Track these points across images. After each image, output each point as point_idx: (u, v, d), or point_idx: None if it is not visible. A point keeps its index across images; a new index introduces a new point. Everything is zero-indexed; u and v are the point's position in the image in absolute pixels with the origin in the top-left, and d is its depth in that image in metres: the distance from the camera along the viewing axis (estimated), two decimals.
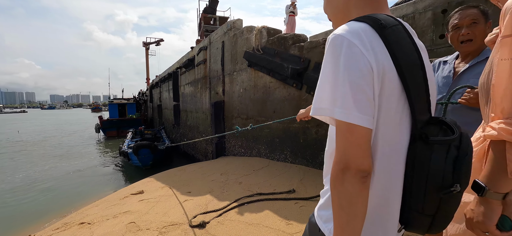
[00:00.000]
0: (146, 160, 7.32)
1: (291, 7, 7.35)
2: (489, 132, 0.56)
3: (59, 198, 5.95)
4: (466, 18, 1.12)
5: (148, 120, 19.70)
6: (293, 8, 7.39)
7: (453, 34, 1.16)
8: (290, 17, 7.37)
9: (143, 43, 28.50)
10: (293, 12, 7.39)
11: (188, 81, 8.60)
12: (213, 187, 3.26)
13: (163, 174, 5.20)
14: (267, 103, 4.22)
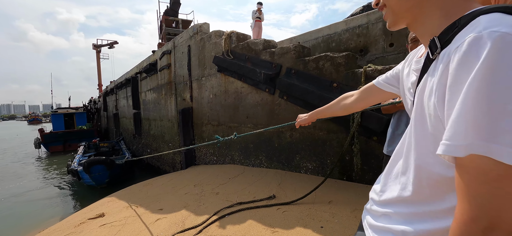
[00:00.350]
0: (100, 178, 6.38)
1: (257, 13, 7.45)
2: None
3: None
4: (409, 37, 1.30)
5: (102, 130, 17.74)
6: (259, 13, 7.50)
7: (412, 45, 1.29)
8: (257, 22, 7.45)
9: (94, 46, 25.73)
10: (259, 18, 7.50)
11: (150, 87, 8.01)
12: (187, 200, 3.05)
13: (126, 191, 4.70)
14: (239, 109, 4.17)
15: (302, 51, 3.22)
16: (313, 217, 2.09)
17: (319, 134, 2.99)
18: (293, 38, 5.81)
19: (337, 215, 2.07)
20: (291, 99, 3.27)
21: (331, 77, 2.81)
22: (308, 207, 2.29)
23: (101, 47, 25.88)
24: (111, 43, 25.87)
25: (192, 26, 5.21)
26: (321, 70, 2.93)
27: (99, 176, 6.31)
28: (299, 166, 3.29)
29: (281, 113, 3.47)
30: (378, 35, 4.37)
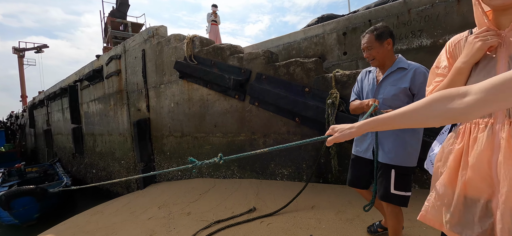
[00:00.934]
0: (27, 213, 5.06)
1: (212, 16, 7.21)
2: None
3: None
4: (364, 45, 1.45)
5: (27, 151, 14.70)
6: (214, 16, 7.27)
7: (364, 54, 1.47)
8: (213, 26, 7.22)
9: (14, 49, 21.36)
10: (215, 21, 7.28)
11: (94, 97, 6.94)
12: (153, 227, 2.64)
13: (67, 224, 3.87)
14: (206, 117, 3.90)
15: (271, 57, 3.20)
16: (300, 225, 2.02)
17: (294, 139, 2.98)
18: (254, 45, 5.82)
19: (323, 220, 2.04)
20: (262, 105, 3.19)
21: (302, 82, 2.85)
22: (292, 215, 2.21)
23: (24, 51, 21.62)
24: (39, 47, 21.87)
25: (147, 28, 4.72)
26: (292, 75, 2.94)
27: (25, 212, 4.99)
28: (275, 173, 3.22)
29: (252, 120, 3.36)
30: (333, 44, 4.71)
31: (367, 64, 3.30)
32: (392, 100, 1.37)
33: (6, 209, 4.81)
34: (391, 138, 1.37)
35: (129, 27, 10.67)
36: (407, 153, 1.34)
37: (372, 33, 1.41)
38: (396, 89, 1.37)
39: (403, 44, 4.16)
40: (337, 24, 4.71)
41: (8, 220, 5.17)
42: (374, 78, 1.50)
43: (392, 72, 1.41)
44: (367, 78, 1.57)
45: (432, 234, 1.71)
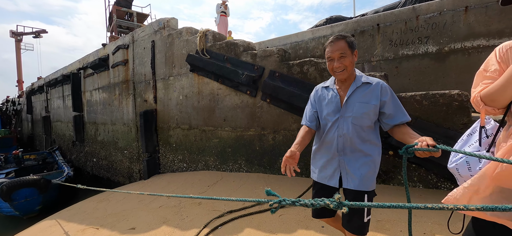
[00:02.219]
0: (29, 205, 4.79)
1: (222, 7, 6.99)
2: None
3: None
4: (336, 52, 1.21)
5: (23, 138, 14.52)
6: (224, 8, 7.05)
7: (328, 64, 1.26)
8: (222, 17, 7.04)
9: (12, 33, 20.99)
10: (224, 12, 7.08)
11: (98, 86, 6.93)
12: (165, 215, 2.71)
13: (73, 210, 3.91)
14: (215, 111, 3.96)
15: (284, 55, 3.28)
16: (312, 218, 2.11)
17: None
18: (261, 43, 5.89)
19: None
20: (274, 102, 3.27)
21: (315, 81, 2.93)
22: (303, 208, 2.31)
23: (22, 35, 21.25)
24: (38, 32, 21.52)
25: (158, 19, 4.73)
26: (305, 74, 3.02)
27: (27, 204, 4.72)
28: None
29: (263, 116, 3.44)
30: None
31: (324, 77, 3.26)
32: (361, 119, 1.22)
33: (7, 201, 4.57)
34: (360, 161, 1.22)
35: (134, 17, 10.60)
36: (374, 174, 1.25)
37: (344, 39, 1.22)
38: (367, 107, 1.21)
39: (409, 50, 4.27)
40: (346, 26, 4.80)
41: (8, 212, 4.90)
42: (336, 95, 1.29)
43: (358, 87, 1.25)
44: (326, 95, 1.34)
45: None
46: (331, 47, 1.23)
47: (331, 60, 1.24)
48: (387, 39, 4.47)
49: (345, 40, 1.21)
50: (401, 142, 1.14)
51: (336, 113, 1.27)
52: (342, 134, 1.24)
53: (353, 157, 1.23)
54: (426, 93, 2.39)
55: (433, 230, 1.83)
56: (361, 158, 1.22)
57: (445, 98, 2.29)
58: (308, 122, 1.37)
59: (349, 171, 1.23)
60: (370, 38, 4.64)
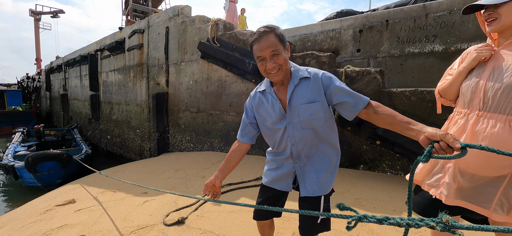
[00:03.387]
0: (51, 178, 4.95)
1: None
2: None
3: None
4: (266, 50, 1.01)
5: (42, 113, 15.36)
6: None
7: (259, 65, 1.05)
8: (231, 4, 6.99)
9: (31, 12, 21.77)
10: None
11: (114, 67, 7.33)
12: (173, 184, 3.06)
13: (92, 178, 4.34)
14: (222, 97, 4.24)
15: (289, 46, 3.48)
16: None
17: None
18: None
19: None
20: None
21: None
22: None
23: (41, 14, 22.01)
24: (56, 12, 22.24)
25: (172, 7, 4.99)
26: (307, 66, 3.23)
27: (50, 176, 4.91)
28: None
29: None
30: (348, 40, 4.92)
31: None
32: (311, 121, 1.07)
33: (31, 172, 4.73)
34: (317, 165, 1.12)
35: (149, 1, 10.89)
36: (332, 175, 1.15)
37: (272, 32, 1.01)
38: (313, 107, 1.05)
39: (416, 47, 4.36)
40: (355, 20, 4.89)
41: (31, 183, 5.09)
42: (276, 100, 1.11)
43: (297, 86, 1.08)
44: (265, 102, 1.15)
45: None
46: (259, 44, 1.01)
47: (262, 60, 1.03)
48: (394, 36, 4.53)
49: (274, 33, 1.01)
50: (389, 129, 0.97)
51: (282, 120, 1.11)
52: (295, 142, 1.10)
53: (309, 162, 1.12)
54: (415, 89, 2.57)
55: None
56: (318, 162, 1.12)
57: (431, 95, 2.47)
58: (240, 136, 1.23)
59: (306, 179, 1.12)
60: (378, 34, 4.72)
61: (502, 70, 0.96)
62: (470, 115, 1.01)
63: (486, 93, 0.97)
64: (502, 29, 0.98)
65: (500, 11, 0.94)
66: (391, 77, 4.49)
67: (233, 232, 1.90)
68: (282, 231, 1.87)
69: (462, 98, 1.07)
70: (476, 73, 1.04)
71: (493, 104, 0.95)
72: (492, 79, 0.97)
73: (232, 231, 1.91)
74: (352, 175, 2.87)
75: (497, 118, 0.94)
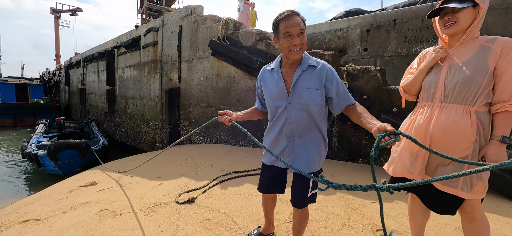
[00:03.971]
0: (70, 166, 5.32)
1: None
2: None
3: None
4: (296, 27, 1.12)
5: (61, 106, 16.21)
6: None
7: (284, 41, 1.14)
8: (245, 5, 7.08)
9: (52, 10, 22.84)
10: (247, 1, 7.18)
11: (129, 63, 7.73)
12: (184, 171, 3.32)
13: (109, 164, 4.70)
14: (231, 92, 4.47)
15: None
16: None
17: None
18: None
19: None
20: None
21: None
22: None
23: (61, 12, 23.09)
24: (74, 10, 23.27)
25: (186, 6, 5.27)
26: None
27: (69, 164, 5.28)
28: None
29: None
30: (355, 40, 5.03)
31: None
32: (309, 105, 1.21)
33: (53, 159, 5.06)
34: (307, 145, 1.26)
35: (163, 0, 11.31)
36: (321, 156, 1.30)
37: (299, 15, 1.14)
38: (314, 93, 1.20)
39: (423, 47, 4.42)
40: (363, 20, 4.98)
41: (52, 170, 5.41)
42: (281, 80, 1.25)
43: (304, 71, 1.21)
44: (270, 79, 1.30)
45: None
46: (288, 21, 1.12)
47: (288, 36, 1.13)
48: (402, 35, 4.60)
49: (300, 16, 1.13)
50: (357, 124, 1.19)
51: (283, 99, 1.25)
52: (291, 121, 1.24)
53: (301, 142, 1.25)
54: None
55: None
56: (308, 142, 1.25)
57: None
58: (257, 105, 1.49)
59: (297, 156, 1.26)
60: (385, 34, 4.79)
61: (457, 68, 1.15)
62: (433, 107, 1.20)
63: (446, 88, 1.16)
64: (458, 32, 1.15)
65: (458, 16, 1.12)
66: (397, 76, 4.57)
67: (237, 210, 2.13)
68: (280, 212, 2.08)
69: (425, 93, 1.26)
70: (435, 71, 1.23)
71: (452, 96, 1.14)
72: (449, 75, 1.16)
73: (236, 210, 2.13)
74: (351, 168, 3.03)
75: (457, 108, 1.13)
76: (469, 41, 1.15)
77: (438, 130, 1.15)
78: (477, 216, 1.17)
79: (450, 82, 1.14)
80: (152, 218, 2.10)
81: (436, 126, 1.16)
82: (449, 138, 1.13)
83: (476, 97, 1.09)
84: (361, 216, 1.97)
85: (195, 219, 2.02)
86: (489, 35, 1.14)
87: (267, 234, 1.72)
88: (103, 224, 2.10)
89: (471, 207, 1.16)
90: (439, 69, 1.21)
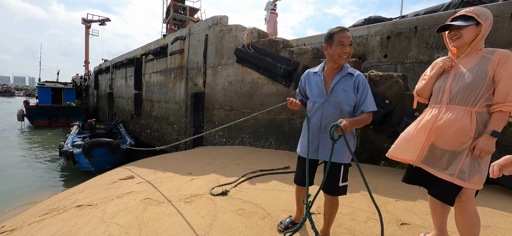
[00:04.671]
0: (102, 163, 5.75)
1: (272, 4, 7.01)
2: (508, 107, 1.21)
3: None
4: (348, 39, 1.42)
5: (89, 109, 17.38)
6: (274, 6, 7.03)
7: (336, 48, 1.42)
8: (272, 15, 7.04)
9: (83, 20, 24.72)
10: (274, 10, 7.09)
11: (156, 69, 8.29)
12: (213, 168, 3.59)
13: (140, 162, 5.09)
14: (254, 97, 4.73)
15: (317, 53, 3.86)
16: None
17: None
18: (299, 40, 6.46)
19: None
20: None
21: None
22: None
23: (91, 22, 24.94)
24: (103, 20, 25.04)
25: (212, 17, 5.66)
26: None
27: (101, 161, 5.75)
28: None
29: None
30: (375, 47, 5.13)
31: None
32: (342, 104, 1.46)
33: (87, 157, 5.54)
34: (340, 142, 1.45)
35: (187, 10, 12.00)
36: (348, 153, 1.47)
37: (349, 32, 1.45)
38: (348, 95, 1.45)
39: (445, 54, 4.44)
40: (383, 27, 5.08)
41: (86, 167, 5.86)
42: (322, 81, 1.51)
43: (343, 76, 1.48)
44: (313, 80, 1.57)
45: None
46: (343, 33, 1.43)
47: (342, 45, 1.41)
48: (423, 42, 4.64)
49: (350, 33, 1.46)
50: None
51: (321, 97, 1.51)
52: (326, 115, 1.49)
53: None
54: None
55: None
56: (340, 140, 1.43)
57: None
58: (298, 96, 1.76)
59: (327, 147, 1.48)
60: (406, 40, 4.86)
61: (461, 75, 1.37)
62: (440, 108, 1.42)
63: (451, 92, 1.38)
64: (462, 45, 1.37)
65: (462, 32, 1.34)
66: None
67: (267, 202, 2.33)
68: None
69: (434, 96, 1.49)
70: (443, 78, 1.46)
71: (456, 99, 1.35)
72: (455, 81, 1.38)
73: (267, 202, 2.34)
74: (373, 169, 3.14)
75: (460, 108, 1.34)
76: (474, 52, 1.35)
77: (443, 126, 1.36)
78: (468, 208, 1.34)
79: (455, 87, 1.35)
80: (191, 206, 2.36)
81: (441, 122, 1.37)
82: (450, 132, 1.34)
83: (476, 99, 1.29)
84: (385, 211, 2.10)
85: (230, 208, 2.25)
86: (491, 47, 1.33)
87: (298, 223, 1.91)
88: (149, 210, 2.39)
89: (466, 197, 1.33)
90: (447, 76, 1.43)
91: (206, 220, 2.07)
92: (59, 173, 6.36)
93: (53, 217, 2.71)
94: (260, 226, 1.94)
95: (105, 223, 2.21)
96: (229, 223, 1.99)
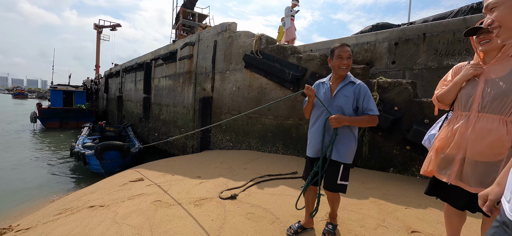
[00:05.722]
0: (113, 165, 5.77)
1: (292, 10, 6.99)
2: None
3: None
4: (346, 53, 1.65)
5: (99, 112, 17.77)
6: (295, 12, 7.03)
7: (336, 61, 1.67)
8: (292, 22, 7.04)
9: (95, 26, 25.49)
10: (293, 16, 7.09)
11: (165, 74, 8.46)
12: (221, 172, 3.63)
13: (149, 165, 5.19)
14: (262, 102, 4.78)
15: (325, 60, 3.89)
16: None
17: None
18: (306, 45, 6.50)
19: (352, 186, 2.74)
20: None
21: None
22: None
23: (103, 28, 25.68)
24: (114, 26, 25.77)
25: (221, 23, 5.77)
26: None
27: (112, 164, 5.78)
28: None
29: (301, 109, 4.12)
30: (383, 53, 5.12)
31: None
32: (344, 108, 1.66)
33: (99, 159, 5.54)
34: (339, 139, 1.66)
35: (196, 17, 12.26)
36: (350, 151, 1.68)
37: (349, 47, 1.68)
38: (349, 100, 1.66)
39: (455, 60, 4.39)
40: (390, 34, 5.07)
41: (96, 169, 5.86)
42: (328, 89, 1.75)
43: (345, 84, 1.69)
44: (322, 88, 1.81)
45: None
46: (342, 48, 1.67)
47: (340, 58, 1.66)
48: (432, 49, 4.60)
49: (349, 47, 1.70)
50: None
51: (326, 101, 1.73)
52: (330, 118, 1.67)
53: (338, 139, 1.65)
54: None
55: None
56: (340, 138, 1.66)
57: None
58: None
59: (334, 148, 1.67)
60: (414, 47, 4.83)
61: (494, 82, 1.29)
62: (471, 116, 1.35)
63: (483, 99, 1.31)
64: (491, 49, 1.32)
65: (492, 36, 1.28)
66: (428, 89, 4.56)
67: (276, 207, 2.35)
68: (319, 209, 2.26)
69: (460, 103, 1.41)
70: (471, 85, 1.38)
71: (490, 107, 1.29)
72: (486, 89, 1.31)
73: (276, 207, 2.36)
74: (382, 176, 3.12)
75: (493, 117, 1.28)
76: (504, 58, 1.30)
77: (476, 135, 1.30)
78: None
79: (488, 95, 1.29)
80: (201, 209, 2.40)
81: (473, 132, 1.31)
82: (485, 143, 1.27)
83: (511, 108, 1.24)
84: (395, 218, 2.09)
85: (239, 212, 2.28)
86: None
87: (308, 228, 1.92)
88: (159, 212, 2.44)
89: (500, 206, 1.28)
90: (475, 83, 1.36)
91: (216, 223, 2.10)
92: (70, 174, 6.51)
93: (66, 217, 2.79)
94: (269, 230, 1.96)
95: (117, 224, 2.27)
96: (239, 226, 2.02)
